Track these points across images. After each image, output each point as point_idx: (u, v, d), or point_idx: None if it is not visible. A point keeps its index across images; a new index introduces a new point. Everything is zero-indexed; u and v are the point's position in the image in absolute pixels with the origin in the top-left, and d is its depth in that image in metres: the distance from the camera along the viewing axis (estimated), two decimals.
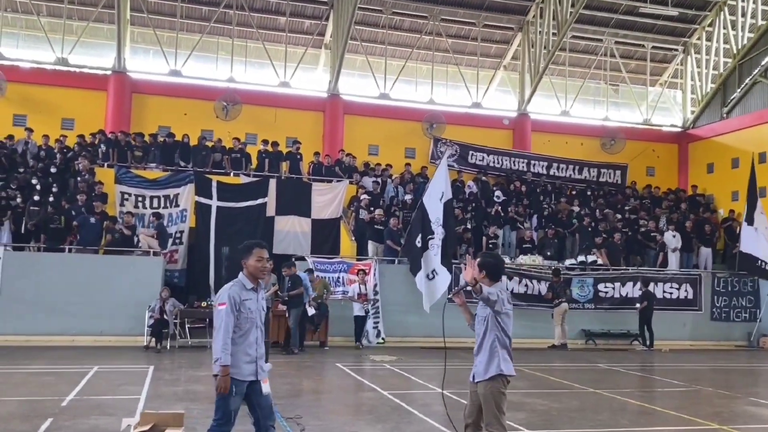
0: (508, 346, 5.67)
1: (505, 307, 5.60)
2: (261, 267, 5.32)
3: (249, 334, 5.21)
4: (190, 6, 23.89)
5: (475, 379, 5.70)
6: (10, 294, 15.38)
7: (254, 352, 5.20)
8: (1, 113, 21.34)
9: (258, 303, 5.34)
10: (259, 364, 5.24)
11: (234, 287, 5.28)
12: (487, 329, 5.67)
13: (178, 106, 22.83)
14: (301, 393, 9.78)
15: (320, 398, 9.30)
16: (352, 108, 24.49)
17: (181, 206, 19.01)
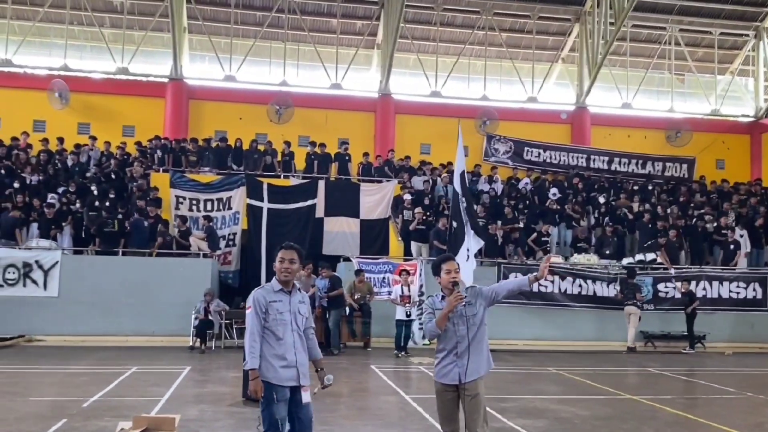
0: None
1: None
2: (281, 268, 5.22)
3: (284, 338, 5.09)
4: (244, 12, 24.34)
5: (463, 380, 5.43)
6: (68, 296, 16.05)
7: (293, 356, 5.07)
8: (67, 122, 22.32)
9: (292, 305, 5.20)
10: (300, 370, 5.09)
11: (260, 290, 5.25)
12: (481, 324, 5.51)
13: (233, 110, 23.34)
14: (322, 396, 9.75)
15: (338, 401, 9.26)
16: (403, 107, 24.42)
17: (233, 209, 19.40)
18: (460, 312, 5.48)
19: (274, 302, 5.15)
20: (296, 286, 5.30)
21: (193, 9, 23.78)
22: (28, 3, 23.17)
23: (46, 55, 23.42)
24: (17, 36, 22.93)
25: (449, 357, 5.49)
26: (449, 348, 5.50)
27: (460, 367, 5.43)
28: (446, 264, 5.55)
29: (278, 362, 5.06)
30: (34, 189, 18.40)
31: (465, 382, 5.40)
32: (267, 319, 5.09)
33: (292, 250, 5.27)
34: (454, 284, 5.46)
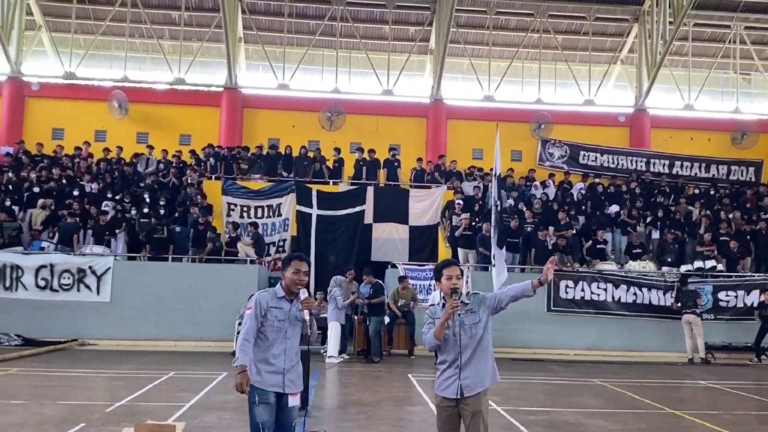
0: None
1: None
2: (296, 280, 5.18)
3: (274, 345, 5.10)
4: (297, 21, 24.62)
5: (464, 394, 5.15)
6: (119, 301, 16.51)
7: (281, 363, 5.07)
8: (126, 132, 23.06)
9: (290, 314, 5.16)
10: (287, 377, 5.09)
11: (264, 293, 5.24)
12: (484, 334, 5.23)
13: (286, 118, 23.63)
14: (349, 404, 9.68)
15: (363, 410, 9.14)
16: (455, 112, 24.21)
17: (283, 215, 19.64)
18: (461, 321, 5.27)
19: (275, 308, 5.14)
20: (299, 296, 5.23)
21: (248, 19, 24.22)
22: (92, 17, 24.09)
23: (108, 67, 24.27)
24: (81, 50, 23.83)
25: (450, 369, 5.20)
26: (450, 359, 5.22)
27: (461, 380, 5.13)
28: (447, 269, 5.28)
29: (264, 367, 5.05)
30: (91, 197, 19.05)
31: (465, 397, 5.13)
32: (264, 323, 5.10)
33: (305, 262, 5.28)
34: (453, 291, 5.23)
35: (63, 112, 23.23)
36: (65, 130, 23.16)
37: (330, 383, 11.93)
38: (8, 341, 15.22)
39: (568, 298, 17.55)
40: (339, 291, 14.89)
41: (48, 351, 14.39)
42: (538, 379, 12.86)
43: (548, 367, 14.84)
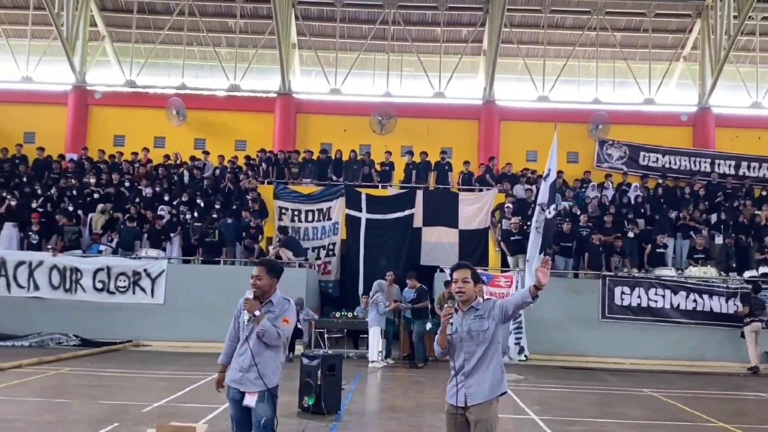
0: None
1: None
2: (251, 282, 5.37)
3: (242, 345, 5.33)
4: (350, 26, 24.73)
5: (468, 402, 5.00)
6: (173, 303, 16.89)
7: (242, 361, 5.28)
8: (184, 138, 23.62)
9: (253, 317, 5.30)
10: (246, 375, 5.25)
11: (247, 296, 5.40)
12: (491, 342, 5.05)
13: (338, 123, 23.76)
14: (383, 410, 9.60)
15: (396, 416, 9.03)
16: (508, 114, 23.84)
17: (333, 219, 19.73)
18: (468, 328, 5.14)
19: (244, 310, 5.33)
20: (271, 300, 5.40)
21: (302, 25, 24.47)
22: (152, 27, 24.80)
23: (166, 75, 24.94)
24: (141, 58, 24.56)
25: (458, 376, 5.07)
26: (457, 367, 5.07)
27: (466, 388, 5.00)
28: (456, 272, 5.15)
29: (233, 363, 5.34)
30: (148, 201, 19.57)
31: (470, 405, 5.00)
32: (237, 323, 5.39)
33: (259, 266, 5.47)
34: (450, 297, 5.13)
35: (124, 120, 23.97)
36: (126, 136, 23.89)
37: (369, 388, 11.88)
38: (67, 341, 15.77)
39: (623, 304, 17.00)
40: (382, 296, 14.85)
41: (102, 351, 14.85)
42: (585, 388, 12.48)
43: (599, 376, 14.40)
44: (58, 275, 16.81)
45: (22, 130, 23.60)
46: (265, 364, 5.25)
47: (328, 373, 8.86)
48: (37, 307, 16.64)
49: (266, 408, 5.20)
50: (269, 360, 5.28)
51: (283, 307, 5.41)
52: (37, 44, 24.27)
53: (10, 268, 16.75)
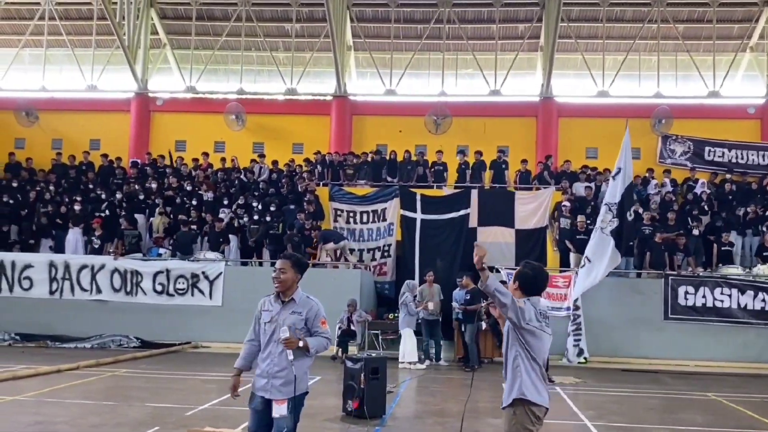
0: (537, 370, 4.77)
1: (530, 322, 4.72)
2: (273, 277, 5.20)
3: (265, 348, 5.12)
4: (405, 26, 24.62)
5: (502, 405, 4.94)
6: (230, 304, 17.12)
7: (267, 367, 5.02)
8: (243, 142, 23.97)
9: (280, 316, 5.09)
10: (271, 382, 4.99)
11: (266, 296, 5.28)
12: (508, 346, 4.87)
13: (394, 123, 23.70)
14: (430, 414, 9.46)
15: (441, 421, 8.88)
16: (566, 110, 23.29)
17: (388, 220, 19.68)
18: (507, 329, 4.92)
19: (265, 311, 5.16)
20: (294, 299, 5.15)
21: (357, 27, 24.52)
22: (211, 33, 25.29)
23: (225, 81, 25.40)
24: (200, 65, 25.08)
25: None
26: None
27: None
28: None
29: (257, 370, 5.10)
30: (208, 205, 19.94)
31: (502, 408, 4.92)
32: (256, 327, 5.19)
33: (284, 259, 5.24)
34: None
35: (185, 125, 24.51)
36: (187, 141, 24.42)
37: (419, 391, 11.74)
38: (127, 343, 16.21)
39: (687, 305, 16.36)
40: (411, 296, 14.71)
41: (160, 353, 15.18)
42: (645, 392, 12.02)
43: (661, 379, 13.88)
44: (119, 278, 17.31)
45: (88, 137, 24.42)
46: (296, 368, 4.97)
47: (371, 376, 8.78)
48: (100, 309, 17.18)
49: (289, 419, 4.93)
50: (299, 364, 5.00)
51: (310, 307, 5.16)
52: (101, 54, 25.08)
53: (74, 271, 17.35)
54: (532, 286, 4.88)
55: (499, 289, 4.65)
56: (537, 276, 4.93)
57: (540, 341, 4.79)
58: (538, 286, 4.91)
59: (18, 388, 10.13)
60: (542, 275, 4.99)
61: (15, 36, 25.58)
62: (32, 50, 25.81)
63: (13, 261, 17.67)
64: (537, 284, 4.91)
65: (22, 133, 24.53)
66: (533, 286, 4.89)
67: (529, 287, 4.87)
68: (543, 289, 4.99)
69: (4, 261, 17.61)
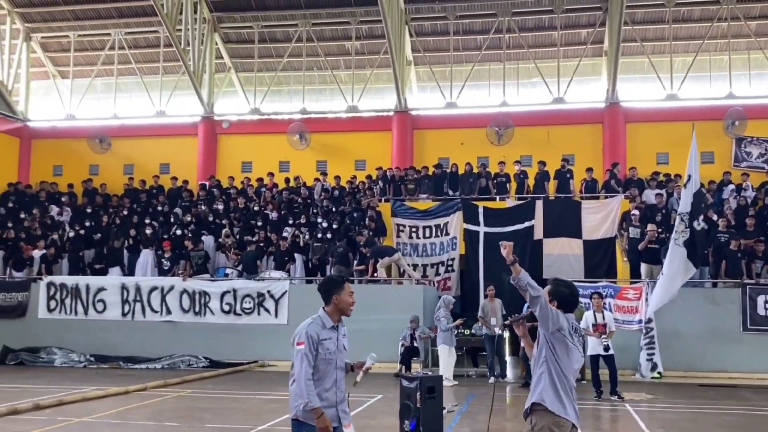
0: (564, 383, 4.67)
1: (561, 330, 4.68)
2: (352, 302, 5.15)
3: (326, 377, 4.95)
4: (464, 38, 24.46)
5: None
6: (296, 323, 16.74)
7: (333, 396, 4.93)
8: (307, 161, 24.22)
9: (338, 342, 5.06)
10: (340, 408, 4.95)
11: (313, 325, 5.05)
12: (539, 354, 4.81)
13: (455, 136, 23.49)
14: None
15: None
16: (634, 115, 22.57)
17: (451, 234, 19.48)
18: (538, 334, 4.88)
19: (325, 340, 4.98)
20: (342, 321, 5.18)
21: (416, 42, 24.50)
22: (273, 55, 25.78)
23: (288, 101, 25.80)
24: (264, 86, 25.57)
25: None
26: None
27: None
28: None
29: (323, 402, 4.85)
30: (273, 224, 20.22)
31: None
32: (315, 358, 4.93)
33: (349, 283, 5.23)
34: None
35: (250, 146, 24.96)
36: (253, 162, 24.86)
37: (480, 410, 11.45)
38: (196, 363, 16.53)
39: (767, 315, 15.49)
40: (444, 312, 14.47)
41: (227, 373, 15.39)
42: (722, 408, 11.40)
43: (740, 394, 13.16)
44: (188, 299, 17.69)
45: (158, 161, 25.21)
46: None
47: (427, 395, 8.61)
48: (170, 330, 17.60)
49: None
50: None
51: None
52: (168, 80, 25.90)
53: (145, 293, 17.85)
54: (569, 304, 4.93)
55: (531, 284, 4.71)
56: (573, 293, 5.02)
57: (570, 354, 4.74)
58: (574, 303, 5.00)
59: (88, 410, 10.43)
60: (576, 292, 5.09)
61: (88, 66, 26.71)
62: (104, 79, 26.87)
63: (87, 284, 18.33)
64: (572, 301, 4.98)
65: (95, 159, 25.52)
66: (570, 303, 4.94)
67: (567, 305, 4.91)
68: (576, 306, 5.08)
69: (79, 285, 18.29)
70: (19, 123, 26.35)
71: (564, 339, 4.67)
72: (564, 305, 4.88)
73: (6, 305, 18.60)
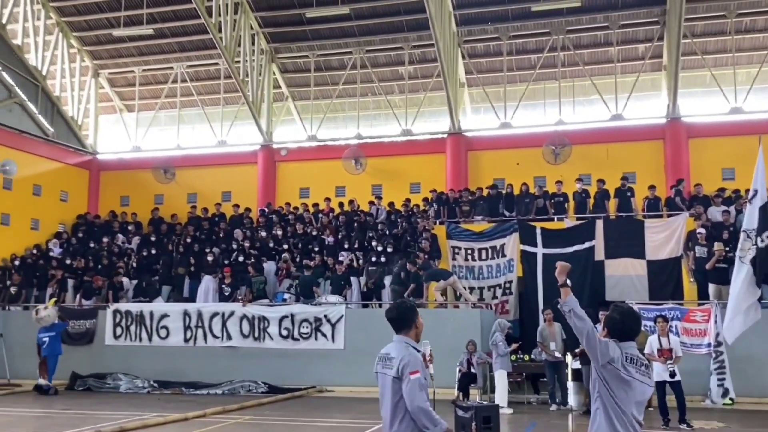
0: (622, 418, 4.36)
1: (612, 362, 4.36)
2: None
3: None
4: (517, 58, 24.34)
5: None
6: (353, 348, 17.22)
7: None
8: (362, 185, 24.37)
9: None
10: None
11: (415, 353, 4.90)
12: (593, 388, 4.55)
13: (510, 156, 23.27)
14: None
15: None
16: (697, 130, 21.91)
17: (507, 256, 19.16)
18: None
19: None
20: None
21: (469, 64, 24.50)
22: (329, 83, 26.18)
23: (343, 127, 26.12)
24: (320, 113, 25.97)
25: None
26: None
27: None
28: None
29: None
30: (330, 249, 20.36)
31: None
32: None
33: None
34: None
35: (308, 172, 25.33)
36: (310, 188, 25.18)
37: None
38: (256, 388, 16.67)
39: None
40: (501, 336, 14.10)
41: (285, 398, 15.46)
42: None
43: None
44: (247, 324, 17.91)
45: (219, 189, 25.81)
46: None
47: (483, 425, 8.46)
48: (230, 355, 17.82)
49: None
50: None
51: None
52: (228, 110, 26.65)
53: (206, 319, 18.17)
54: (621, 332, 4.56)
55: (576, 312, 4.43)
56: (625, 320, 4.61)
57: (628, 387, 4.39)
58: (628, 331, 4.58)
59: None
60: (631, 318, 4.64)
61: (152, 100, 27.73)
62: (167, 112, 27.81)
63: (151, 311, 18.77)
64: (626, 329, 4.58)
65: (160, 189, 26.33)
66: (622, 331, 4.56)
67: (618, 333, 4.56)
68: (636, 333, 4.65)
69: (143, 311, 18.76)
70: (89, 156, 27.45)
71: (617, 372, 4.36)
72: (617, 334, 4.55)
73: (75, 332, 19.20)
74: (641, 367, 4.47)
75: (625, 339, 4.54)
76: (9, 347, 19.24)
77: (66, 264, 21.68)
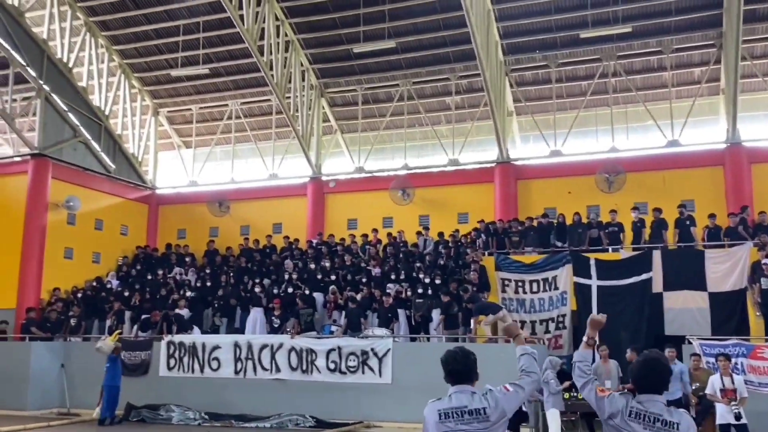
0: None
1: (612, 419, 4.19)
2: None
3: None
4: (567, 85, 23.98)
5: None
6: (400, 382, 16.91)
7: None
8: (410, 216, 24.22)
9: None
10: None
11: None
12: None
13: (561, 185, 22.78)
14: None
15: None
16: (759, 155, 21.03)
17: (560, 288, 18.60)
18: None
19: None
20: None
21: (517, 92, 24.26)
22: (376, 115, 26.31)
23: (390, 158, 26.12)
24: (367, 145, 26.08)
25: None
26: None
27: None
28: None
29: None
30: (377, 280, 20.23)
31: None
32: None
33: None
34: None
35: (356, 204, 25.37)
36: (358, 219, 25.19)
37: None
38: (303, 422, 16.50)
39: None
40: (552, 374, 13.53)
41: None
42: None
43: None
44: (296, 357, 17.80)
45: (271, 221, 26.10)
46: None
47: None
48: (279, 388, 17.70)
49: None
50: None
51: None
52: (280, 144, 27.05)
53: (256, 351, 18.15)
54: (643, 384, 4.28)
55: (580, 365, 4.40)
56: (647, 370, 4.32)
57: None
58: (651, 383, 4.27)
59: None
60: (655, 369, 4.31)
61: (208, 136, 28.39)
62: (222, 147, 28.40)
63: (203, 343, 18.89)
64: (649, 380, 4.28)
65: (215, 222, 26.79)
66: (644, 383, 4.28)
67: (640, 384, 4.29)
68: (659, 387, 4.29)
69: (195, 343, 18.90)
70: (148, 191, 28.21)
71: (618, 428, 4.18)
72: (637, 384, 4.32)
73: (131, 363, 19.44)
74: (653, 423, 4.15)
75: (648, 391, 4.27)
76: (70, 377, 19.65)
77: (124, 296, 22.15)
